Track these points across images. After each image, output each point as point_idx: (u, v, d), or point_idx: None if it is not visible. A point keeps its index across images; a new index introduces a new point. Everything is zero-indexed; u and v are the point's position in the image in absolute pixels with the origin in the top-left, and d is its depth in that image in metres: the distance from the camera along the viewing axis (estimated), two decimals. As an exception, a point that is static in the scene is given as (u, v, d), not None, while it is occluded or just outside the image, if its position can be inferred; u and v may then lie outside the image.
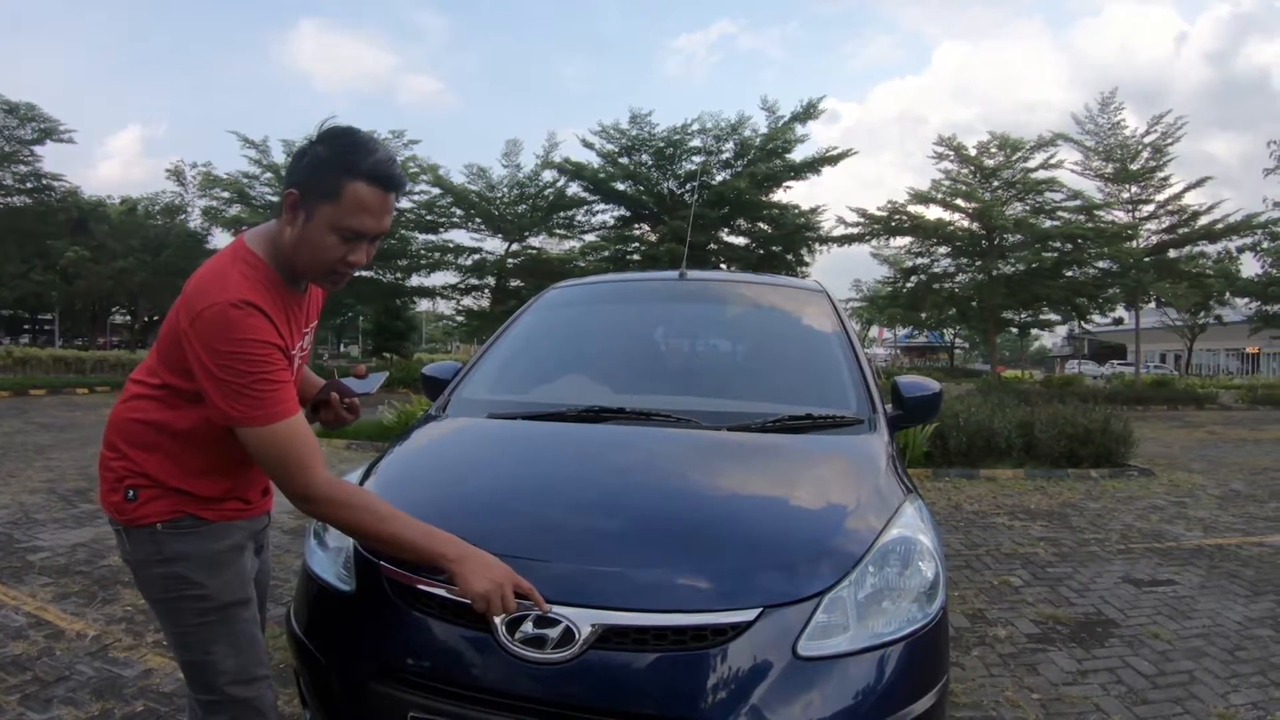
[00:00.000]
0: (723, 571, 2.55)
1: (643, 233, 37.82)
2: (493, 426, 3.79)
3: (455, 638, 2.49)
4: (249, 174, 37.62)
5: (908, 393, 4.07)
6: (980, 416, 13.83)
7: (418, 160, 37.69)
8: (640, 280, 5.83)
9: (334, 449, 14.13)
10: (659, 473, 3.21)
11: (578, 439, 3.52)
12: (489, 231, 38.82)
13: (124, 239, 41.64)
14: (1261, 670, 5.01)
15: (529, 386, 4.38)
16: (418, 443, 3.74)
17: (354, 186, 2.20)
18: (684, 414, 3.59)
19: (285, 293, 2.39)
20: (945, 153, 37.14)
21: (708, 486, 3.13)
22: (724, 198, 34.33)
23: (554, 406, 3.79)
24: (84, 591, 6.04)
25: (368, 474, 3.36)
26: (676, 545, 2.68)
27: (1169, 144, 33.94)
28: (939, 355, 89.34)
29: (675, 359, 4.64)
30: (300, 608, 3.01)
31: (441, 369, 4.55)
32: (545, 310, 4.98)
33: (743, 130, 35.56)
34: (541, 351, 4.70)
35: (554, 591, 2.38)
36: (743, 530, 2.79)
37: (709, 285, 5.33)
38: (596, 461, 3.31)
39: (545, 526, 2.80)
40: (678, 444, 3.41)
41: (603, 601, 2.40)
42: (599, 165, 36.03)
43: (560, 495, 3.05)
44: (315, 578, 2.95)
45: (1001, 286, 35.27)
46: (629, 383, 4.32)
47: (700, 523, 2.83)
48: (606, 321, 4.96)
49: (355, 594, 2.75)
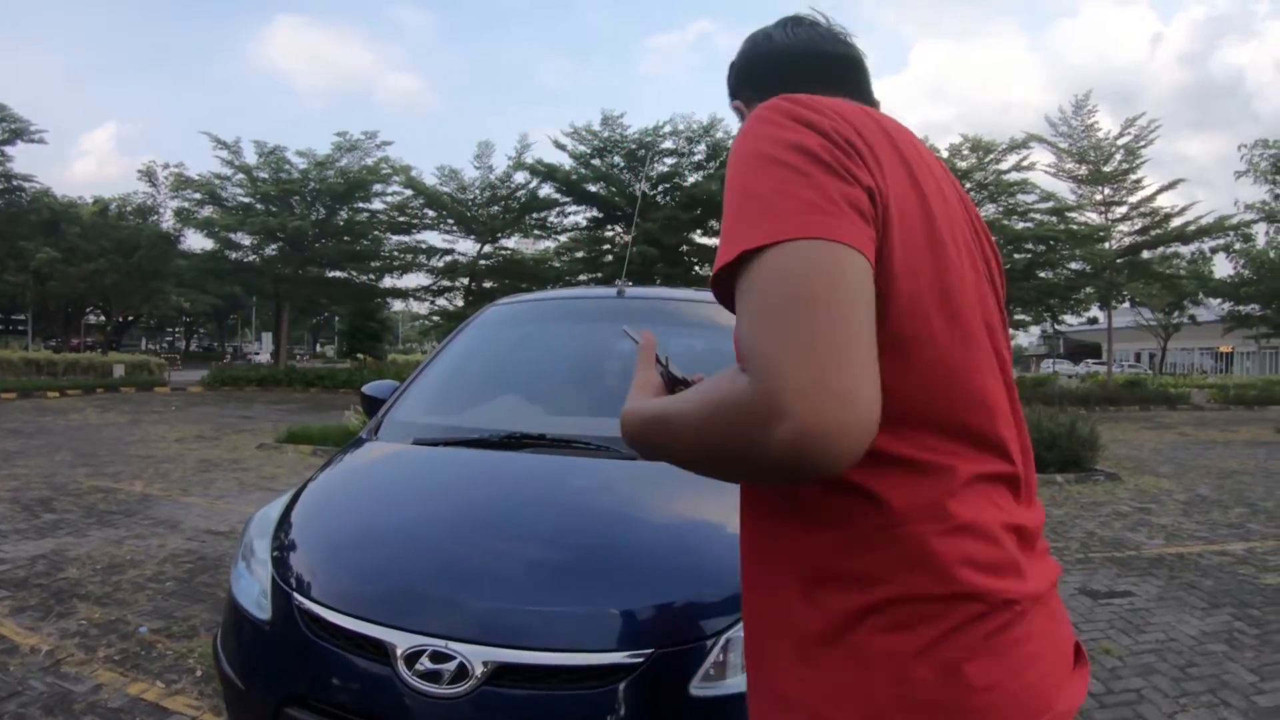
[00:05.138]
0: (619, 611, 2.52)
1: (615, 234, 37.75)
2: (414, 455, 3.76)
3: (358, 670, 2.48)
4: (221, 175, 37.35)
5: None
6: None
7: (390, 161, 37.69)
8: (578, 298, 5.74)
9: (301, 454, 14.11)
10: (567, 507, 3.15)
11: (494, 470, 3.49)
12: (461, 232, 38.71)
13: (96, 240, 41.36)
14: (1212, 689, 4.93)
15: (460, 409, 4.34)
16: (341, 470, 3.74)
17: None
18: (606, 441, 3.53)
19: None
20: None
21: (614, 521, 3.08)
22: (696, 199, 34.32)
23: (477, 432, 3.77)
24: (40, 605, 5.97)
25: (295, 499, 3.36)
26: (576, 583, 2.65)
27: (1142, 146, 34.15)
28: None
29: (608, 381, 4.52)
30: (224, 634, 3.03)
31: (379, 388, 4.54)
32: (482, 329, 4.93)
33: (715, 132, 35.52)
34: (475, 372, 4.68)
35: (451, 627, 2.42)
36: (644, 567, 2.75)
37: (647, 304, 5.23)
38: (507, 495, 3.26)
39: (448, 561, 2.77)
40: (592, 476, 3.38)
41: (497, 639, 2.39)
42: (571, 167, 35.95)
43: (467, 530, 3.00)
44: (236, 605, 2.93)
45: (974, 288, 35.23)
46: (559, 405, 4.31)
47: (602, 560, 2.78)
48: (541, 341, 4.94)
49: (271, 622, 2.75)
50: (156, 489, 10.71)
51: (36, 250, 39.36)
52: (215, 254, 39.91)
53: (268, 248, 39.05)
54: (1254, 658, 5.49)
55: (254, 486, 11.03)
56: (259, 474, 12.15)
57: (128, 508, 9.47)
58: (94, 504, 9.64)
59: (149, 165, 44.15)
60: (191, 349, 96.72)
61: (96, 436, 16.63)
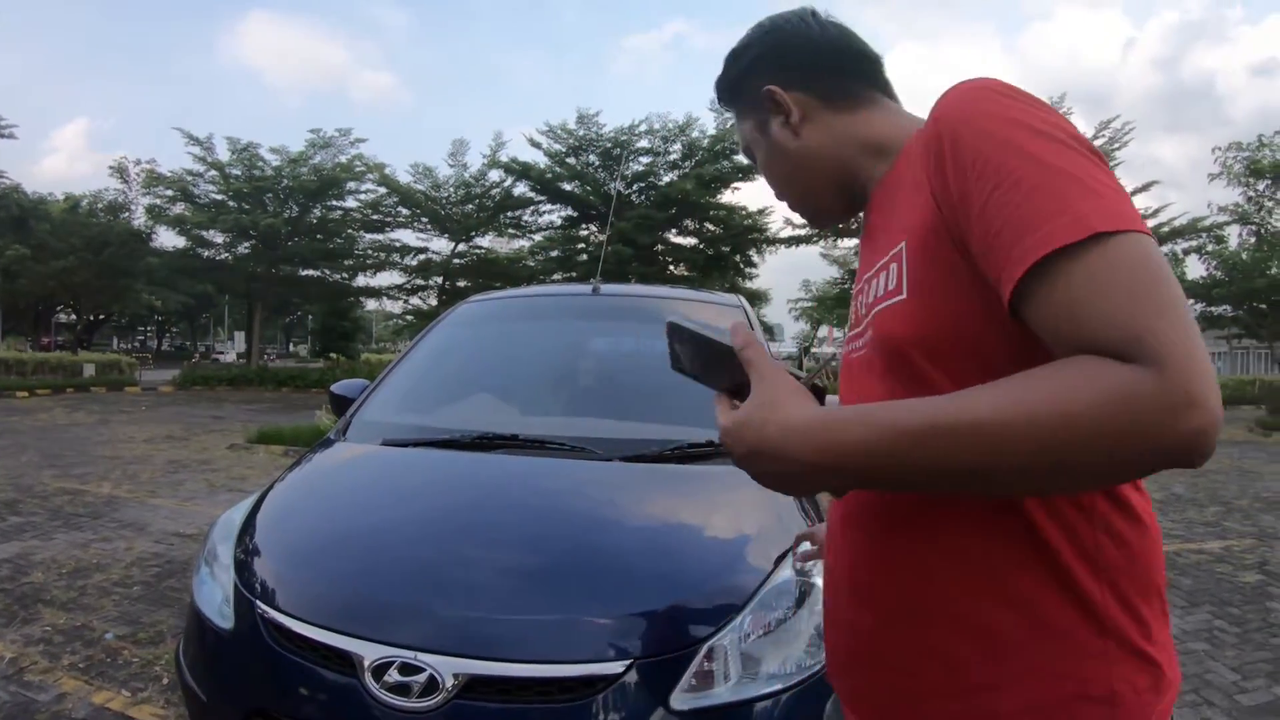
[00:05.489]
0: (595, 620, 2.44)
1: (589, 233, 37.68)
2: (383, 456, 3.66)
3: (324, 682, 2.38)
4: (193, 171, 37.12)
5: None
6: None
7: (364, 159, 37.64)
8: (552, 295, 5.67)
9: (271, 455, 13.98)
10: (541, 512, 3.05)
11: (465, 473, 3.41)
12: (435, 231, 38.67)
13: (66, 237, 40.96)
14: (1195, 688, 4.90)
15: (431, 408, 4.26)
16: (308, 472, 3.64)
17: None
18: (580, 442, 3.47)
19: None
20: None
21: (590, 527, 2.98)
22: (670, 199, 34.32)
23: (448, 433, 3.68)
24: (4, 611, 5.84)
25: (259, 502, 3.27)
26: (550, 591, 2.56)
27: (1116, 148, 34.44)
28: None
29: (582, 379, 4.51)
30: (186, 643, 2.93)
31: (348, 387, 4.43)
32: (454, 327, 4.85)
33: (690, 131, 35.62)
34: (447, 370, 4.59)
35: (420, 638, 2.35)
36: (622, 573, 2.67)
37: (622, 301, 5.19)
38: (478, 498, 3.18)
39: (417, 569, 2.69)
40: (567, 478, 3.29)
41: (469, 650, 2.31)
42: (546, 165, 35.93)
43: (437, 536, 2.91)
44: (198, 612, 2.84)
45: (947, 286, 35.52)
46: (532, 404, 4.25)
47: (578, 566, 2.70)
48: (515, 339, 4.86)
49: (234, 632, 2.65)
50: (124, 490, 10.57)
51: (5, 248, 39.08)
52: (187, 252, 39.70)
53: (240, 246, 38.77)
54: (1235, 656, 5.48)
55: (223, 488, 10.90)
56: (228, 475, 12.01)
57: (95, 510, 9.33)
58: (60, 506, 9.50)
59: (120, 161, 43.82)
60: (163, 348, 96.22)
61: (64, 437, 16.44)
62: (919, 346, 1.21)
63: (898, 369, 1.25)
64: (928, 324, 1.19)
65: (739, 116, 1.65)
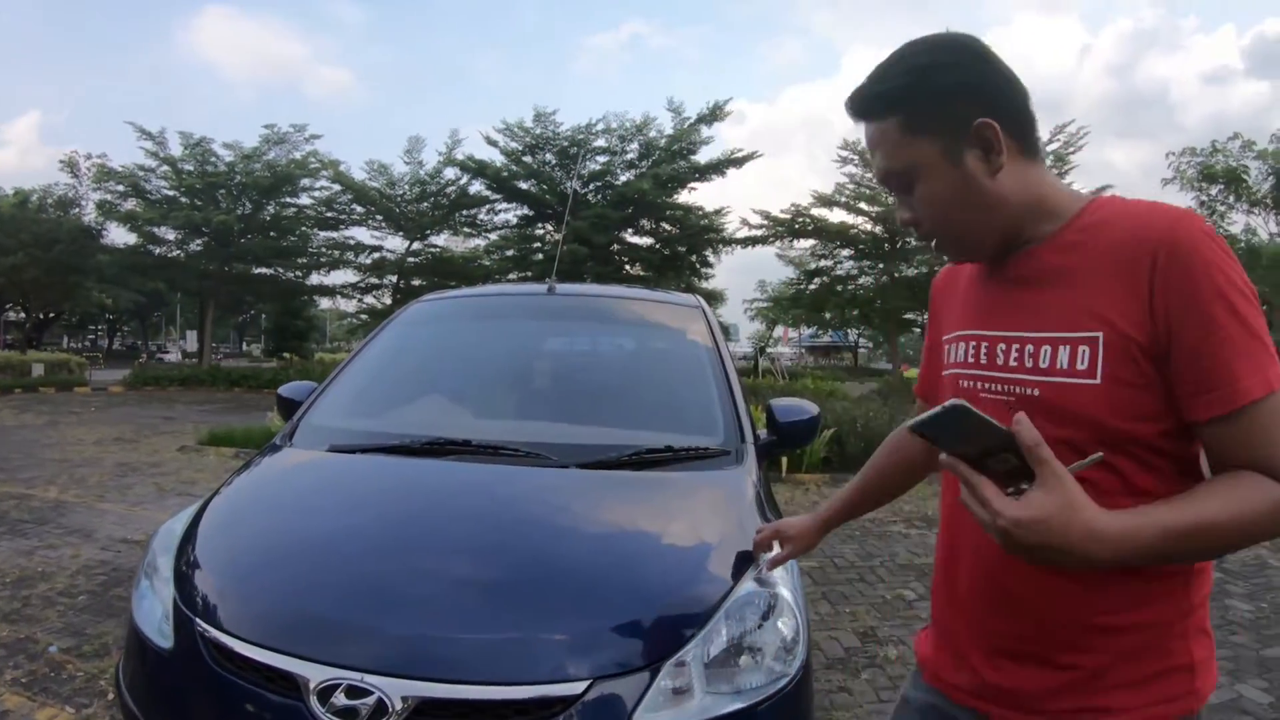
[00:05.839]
0: (552, 638, 2.36)
1: (545, 232, 37.55)
2: (330, 463, 3.56)
3: (268, 705, 2.27)
4: (145, 167, 36.49)
5: (783, 417, 3.93)
6: (879, 422, 13.83)
7: (318, 155, 37.30)
8: (506, 295, 5.60)
9: (221, 457, 13.77)
10: (494, 523, 2.96)
11: (415, 481, 3.30)
12: (390, 229, 38.41)
13: (15, 234, 40.22)
14: None
15: (380, 412, 4.16)
16: (251, 480, 3.51)
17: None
18: (535, 447, 3.39)
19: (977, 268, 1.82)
20: (850, 156, 37.78)
21: (547, 538, 2.88)
22: (627, 198, 34.29)
23: (397, 438, 3.56)
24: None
25: (202, 511, 3.15)
26: (505, 608, 2.47)
27: (1071, 152, 34.91)
28: (843, 354, 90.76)
29: (538, 381, 4.44)
30: (126, 660, 2.80)
31: (296, 389, 4.30)
32: (406, 326, 4.74)
33: (648, 131, 35.62)
34: (398, 372, 4.48)
35: (368, 658, 2.25)
36: (579, 589, 2.58)
37: (578, 301, 5.13)
38: (428, 508, 3.09)
39: (364, 584, 2.58)
40: (521, 487, 3.21)
41: (420, 671, 2.22)
42: (502, 164, 35.70)
43: (386, 549, 2.80)
44: (137, 630, 2.71)
45: (904, 288, 36.03)
46: (486, 408, 4.16)
47: (533, 581, 2.60)
48: (468, 340, 4.75)
49: (173, 651, 2.53)
50: (71, 495, 10.38)
51: (-47, 244, 38.42)
52: (138, 249, 39.08)
53: (192, 243, 38.21)
54: None
55: (173, 491, 10.73)
56: (178, 478, 11.82)
57: (40, 515, 9.15)
58: (5, 511, 9.31)
59: (71, 156, 43.22)
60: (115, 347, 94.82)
61: (11, 439, 16.13)
62: (1099, 426, 1.48)
63: (1065, 432, 1.49)
64: (1115, 411, 1.47)
65: (911, 132, 1.58)
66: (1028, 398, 1.57)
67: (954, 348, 1.80)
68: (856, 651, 5.57)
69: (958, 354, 1.77)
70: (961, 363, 1.75)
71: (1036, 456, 1.29)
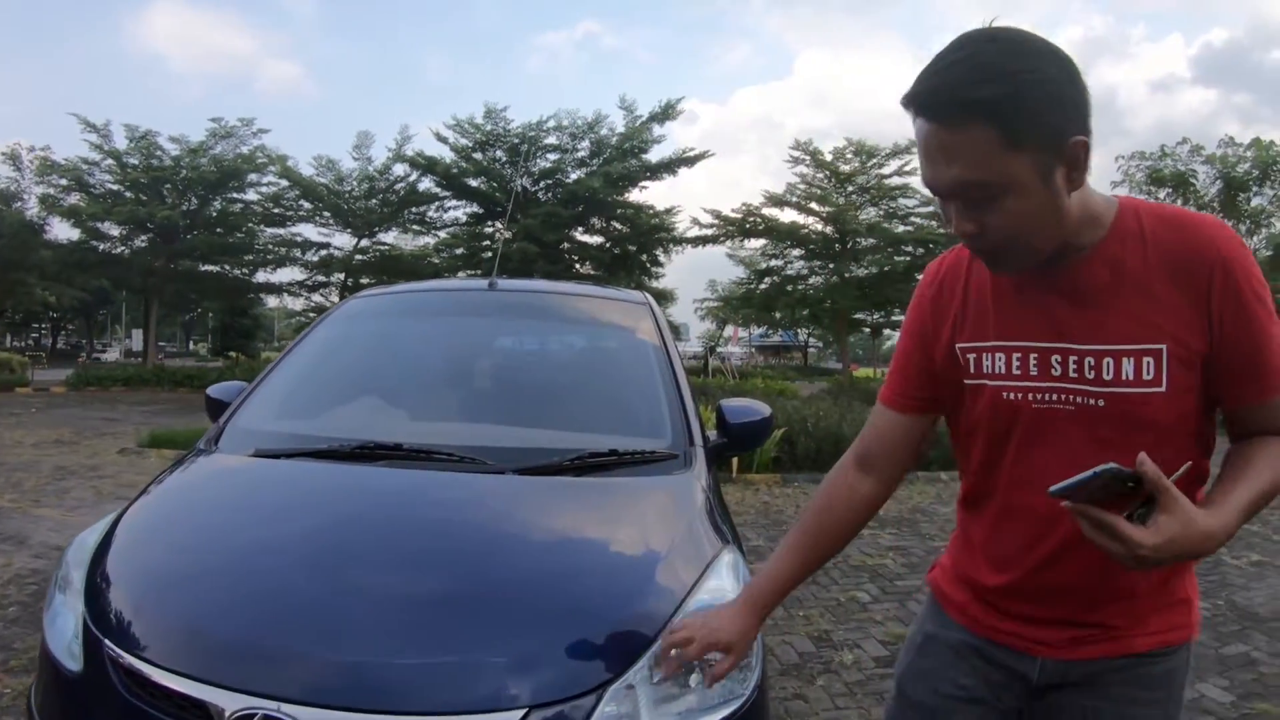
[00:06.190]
0: (487, 662, 2.19)
1: (495, 230, 37.36)
2: (254, 470, 3.36)
3: None
4: (89, 160, 35.71)
5: (734, 418, 3.81)
6: (829, 422, 13.83)
7: (266, 150, 36.76)
8: (447, 290, 5.48)
9: (163, 459, 13.37)
10: (426, 536, 2.80)
11: (342, 489, 3.12)
12: (338, 226, 38.03)
13: (-46, 229, 39.44)
14: None
15: (311, 413, 3.97)
16: (171, 488, 3.30)
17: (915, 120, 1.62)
18: (471, 452, 3.23)
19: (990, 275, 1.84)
20: (801, 157, 37.95)
21: (480, 552, 2.72)
22: (578, 196, 34.20)
23: (326, 442, 3.37)
24: None
25: (118, 520, 2.96)
26: (435, 630, 2.29)
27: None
28: (793, 354, 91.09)
29: (477, 381, 4.28)
30: (38, 683, 2.63)
31: (225, 389, 4.09)
32: (341, 323, 4.55)
33: (599, 129, 35.56)
34: (331, 371, 4.28)
35: (285, 686, 2.07)
36: (516, 608, 2.40)
37: (521, 297, 4.99)
38: (354, 520, 2.90)
39: (284, 604, 2.41)
40: (455, 495, 3.05)
41: (340, 700, 2.06)
42: (452, 160, 35.50)
43: (307, 565, 2.61)
44: (47, 650, 2.53)
45: (854, 289, 36.18)
46: (422, 409, 3.98)
47: (466, 600, 2.43)
48: (405, 337, 4.57)
49: (83, 675, 2.35)
50: (6, 500, 10.14)
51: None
52: (81, 245, 38.16)
53: (137, 239, 37.59)
54: None
55: (111, 496, 10.48)
56: (118, 482, 11.58)
57: (-27, 521, 8.86)
58: (-65, 517, 9.01)
59: (13, 148, 42.37)
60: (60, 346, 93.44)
61: (-53, 442, 15.72)
62: (1159, 427, 1.67)
63: (1134, 440, 1.59)
64: (1176, 413, 1.67)
65: (1010, 148, 1.50)
66: (1091, 408, 1.71)
67: (989, 358, 1.83)
68: (811, 657, 5.50)
69: (996, 365, 1.82)
70: (1004, 374, 1.80)
71: (1160, 486, 1.44)
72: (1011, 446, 1.83)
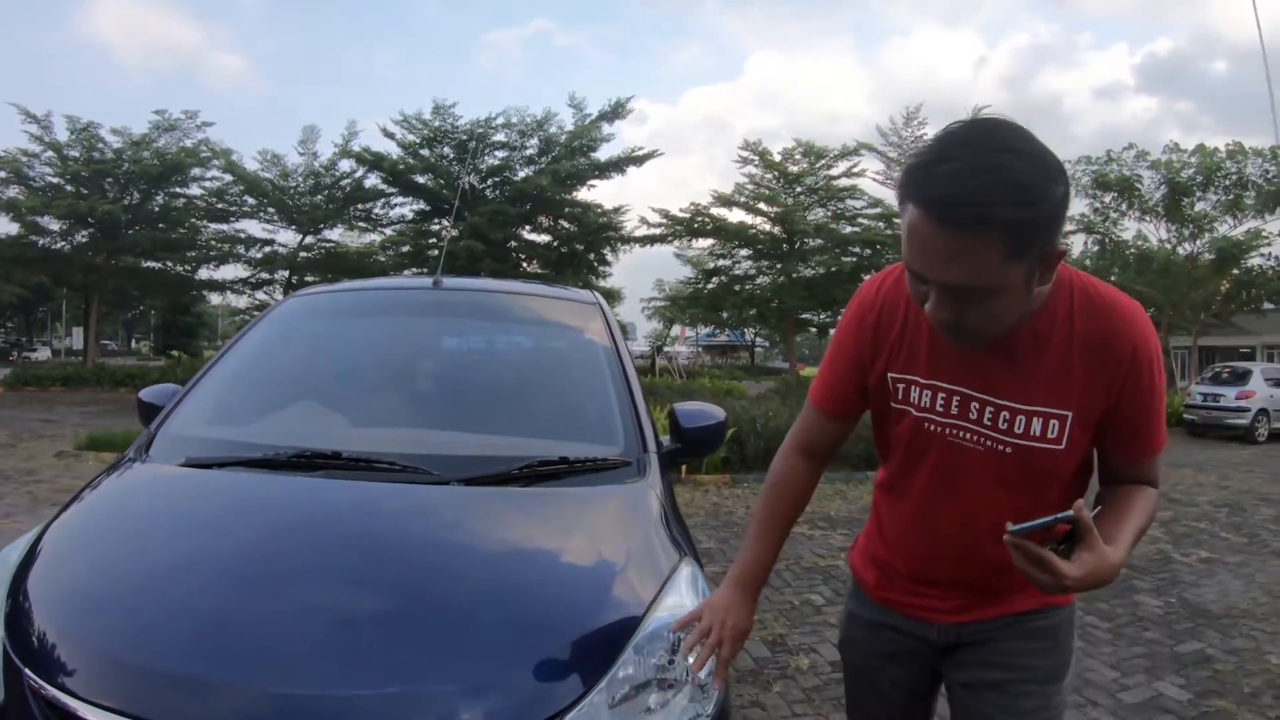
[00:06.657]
0: (433, 693, 2.04)
1: (442, 228, 37.21)
2: (184, 481, 3.14)
3: None
4: (28, 151, 34.79)
5: (688, 423, 3.73)
6: (778, 422, 13.82)
7: (210, 144, 36.09)
8: (389, 289, 5.30)
9: (102, 462, 13.03)
10: (367, 552, 2.60)
11: (276, 502, 2.93)
12: (282, 222, 37.61)
13: (-111, 224, 38.57)
14: (1077, 688, 4.84)
15: (246, 419, 3.76)
16: (96, 501, 3.08)
17: (908, 209, 1.67)
18: (413, 460, 3.06)
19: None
20: (750, 157, 37.93)
21: (423, 570, 2.56)
22: (525, 194, 34.13)
23: (260, 450, 3.16)
24: None
25: (42, 535, 2.75)
26: (378, 657, 2.11)
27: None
28: (740, 353, 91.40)
29: (420, 384, 4.11)
30: None
31: (158, 393, 3.86)
32: (280, 323, 4.34)
33: (548, 126, 35.52)
34: (269, 374, 4.07)
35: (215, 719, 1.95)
36: (462, 634, 2.24)
37: (467, 296, 4.84)
38: (290, 536, 2.72)
39: (211, 629, 2.22)
40: (398, 507, 2.88)
41: None
42: (399, 156, 35.36)
43: (237, 587, 2.41)
44: None
45: (801, 289, 36.24)
46: (363, 414, 3.80)
47: (411, 625, 2.25)
48: (346, 338, 4.39)
49: (3, 708, 2.15)
50: (-66, 504, 9.75)
51: None
52: (20, 239, 37.27)
53: (77, 234, 36.77)
54: (1111, 653, 5.64)
55: (47, 501, 10.13)
56: (54, 486, 11.23)
57: (-102, 526, 8.53)
58: None
59: (-50, 140, 41.58)
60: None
61: (-126, 443, 15.28)
62: (1053, 474, 2.00)
63: (1030, 481, 2.01)
64: (1069, 465, 2.00)
65: (1010, 260, 1.63)
66: (998, 452, 2.00)
67: (916, 390, 2.07)
68: (767, 662, 5.46)
69: (924, 400, 2.06)
70: (929, 409, 2.06)
71: (1086, 527, 1.68)
72: (928, 462, 2.12)
